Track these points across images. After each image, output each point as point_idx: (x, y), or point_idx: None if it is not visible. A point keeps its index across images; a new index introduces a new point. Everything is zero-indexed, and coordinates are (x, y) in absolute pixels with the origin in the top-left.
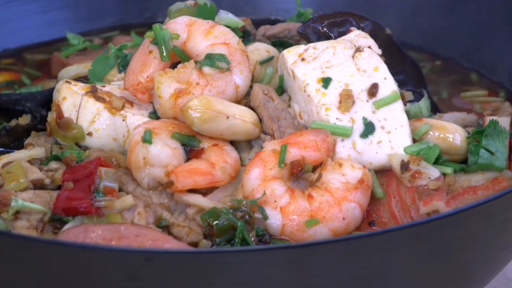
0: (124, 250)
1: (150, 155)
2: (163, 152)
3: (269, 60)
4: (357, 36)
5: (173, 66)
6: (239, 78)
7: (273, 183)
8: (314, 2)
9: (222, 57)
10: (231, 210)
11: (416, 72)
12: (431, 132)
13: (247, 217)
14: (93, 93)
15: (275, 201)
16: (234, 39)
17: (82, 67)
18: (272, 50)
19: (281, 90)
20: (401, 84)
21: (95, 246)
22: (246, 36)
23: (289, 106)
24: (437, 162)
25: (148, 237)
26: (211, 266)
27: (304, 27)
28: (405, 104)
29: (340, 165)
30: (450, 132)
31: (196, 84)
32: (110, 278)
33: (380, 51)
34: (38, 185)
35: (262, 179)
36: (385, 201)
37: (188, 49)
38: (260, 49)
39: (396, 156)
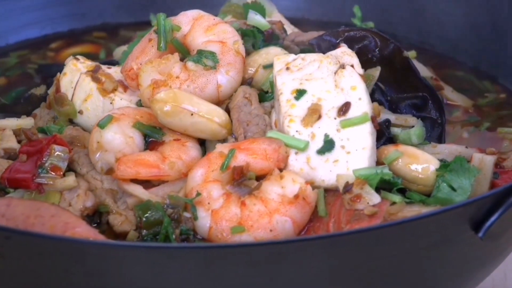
0: None
1: (103, 140)
2: (116, 139)
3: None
4: (343, 53)
5: None
6: (223, 78)
7: (212, 185)
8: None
9: (211, 55)
10: (165, 206)
11: (434, 98)
12: (400, 159)
13: (176, 215)
14: (93, 72)
15: (208, 203)
16: (231, 39)
17: None
18: None
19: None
20: (417, 108)
21: None
22: (273, 39)
23: (270, 112)
24: (390, 189)
25: (61, 218)
26: (66, 254)
27: (318, 39)
28: (377, 128)
29: (281, 177)
30: (420, 162)
31: (176, 78)
32: None
33: (362, 71)
34: (12, 155)
35: (203, 179)
36: (325, 220)
37: (187, 43)
38: (270, 53)
39: (343, 176)
